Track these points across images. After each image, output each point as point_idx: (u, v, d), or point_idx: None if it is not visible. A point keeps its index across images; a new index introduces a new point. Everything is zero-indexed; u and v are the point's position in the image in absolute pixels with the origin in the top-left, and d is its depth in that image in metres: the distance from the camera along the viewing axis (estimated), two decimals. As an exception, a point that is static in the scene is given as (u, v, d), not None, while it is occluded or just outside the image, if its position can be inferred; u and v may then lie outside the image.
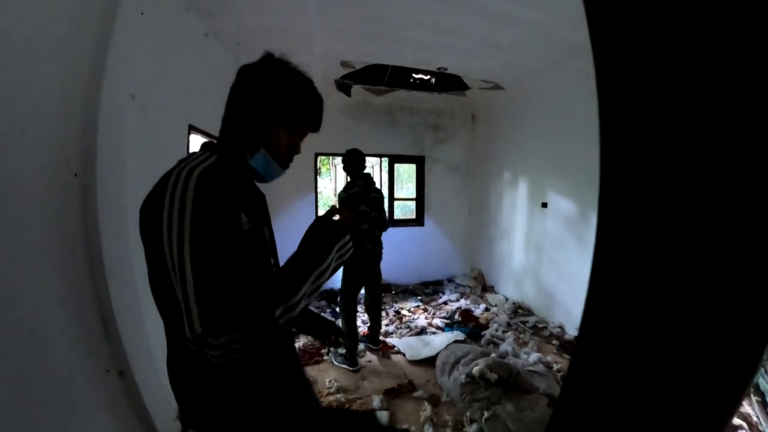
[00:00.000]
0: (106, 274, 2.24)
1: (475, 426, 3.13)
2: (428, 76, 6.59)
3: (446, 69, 5.56)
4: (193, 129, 3.66)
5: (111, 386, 2.31)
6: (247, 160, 1.35)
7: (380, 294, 4.67)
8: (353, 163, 4.31)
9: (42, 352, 1.80)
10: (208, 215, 1.10)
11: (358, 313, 4.63)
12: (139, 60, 2.60)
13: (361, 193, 4.22)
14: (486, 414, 3.08)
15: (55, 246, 1.96)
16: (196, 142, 3.68)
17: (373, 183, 4.41)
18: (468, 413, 3.20)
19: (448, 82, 6.56)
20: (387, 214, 4.97)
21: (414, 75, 6.48)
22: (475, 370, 3.35)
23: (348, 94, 6.81)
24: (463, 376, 3.41)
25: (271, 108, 1.34)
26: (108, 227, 2.26)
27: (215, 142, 1.39)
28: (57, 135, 1.99)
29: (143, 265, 2.23)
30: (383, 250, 4.53)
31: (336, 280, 6.57)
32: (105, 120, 2.24)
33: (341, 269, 4.29)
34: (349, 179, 4.43)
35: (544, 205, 5.62)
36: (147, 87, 2.78)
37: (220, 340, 1.05)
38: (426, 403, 3.43)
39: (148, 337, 2.56)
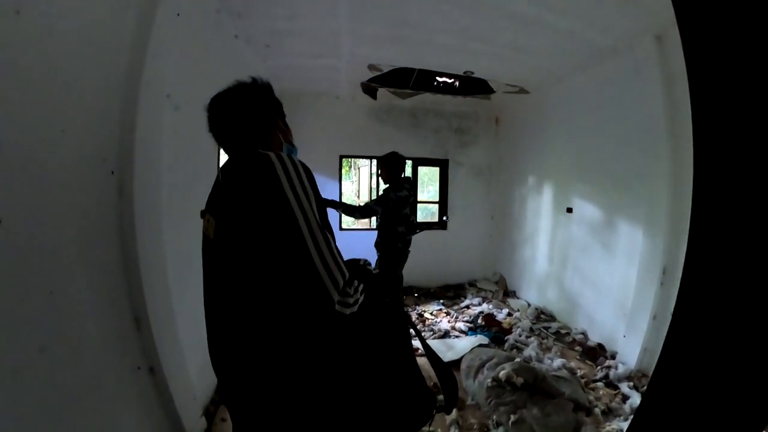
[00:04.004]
0: (140, 271, 2.27)
1: (501, 429, 3.12)
2: (452, 80, 6.59)
3: (473, 73, 5.56)
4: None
5: (141, 382, 2.35)
6: (286, 151, 1.57)
7: (402, 297, 4.68)
8: (396, 165, 4.35)
9: (75, 348, 1.82)
10: (315, 186, 1.31)
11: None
12: (173, 58, 2.62)
13: (408, 197, 4.29)
14: (512, 418, 3.07)
15: (91, 243, 1.98)
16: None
17: (414, 186, 4.44)
18: (494, 417, 3.19)
19: (472, 86, 6.55)
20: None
21: (438, 78, 6.48)
22: (502, 373, 3.34)
23: (374, 96, 6.86)
24: (488, 380, 3.40)
25: (281, 111, 1.66)
26: (143, 225, 2.29)
27: (248, 145, 1.52)
28: (95, 133, 2.01)
29: (177, 263, 2.25)
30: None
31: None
32: (142, 119, 2.27)
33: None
34: (387, 182, 4.43)
35: (569, 210, 5.57)
36: (181, 87, 2.79)
37: (351, 290, 1.24)
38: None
39: (178, 334, 2.60)
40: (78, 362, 1.83)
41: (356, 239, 6.78)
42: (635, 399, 3.49)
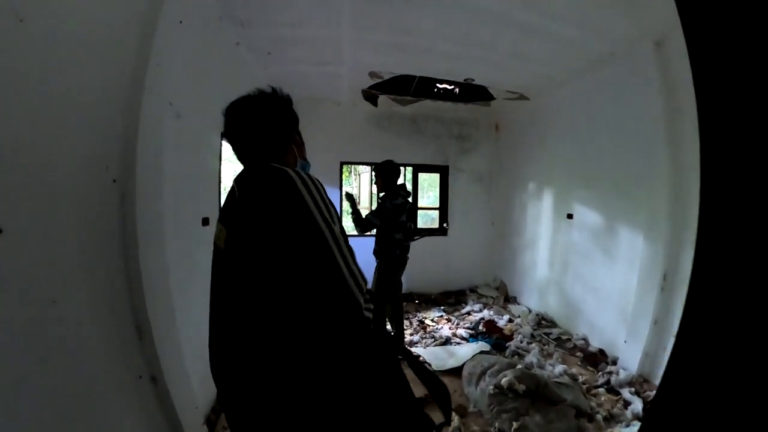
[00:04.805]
0: (142, 280, 2.26)
1: (503, 437, 3.11)
2: (452, 86, 6.61)
3: (473, 80, 5.58)
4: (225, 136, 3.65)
5: (143, 391, 2.33)
6: (300, 167, 1.57)
7: (402, 304, 4.68)
8: (391, 174, 4.39)
9: (76, 357, 1.81)
10: (331, 201, 1.36)
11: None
12: (175, 65, 2.63)
13: (404, 204, 4.32)
14: (515, 425, 3.06)
15: (92, 252, 1.98)
16: (227, 149, 3.70)
17: (410, 193, 4.47)
18: (496, 424, 3.18)
19: (473, 93, 6.58)
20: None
21: (438, 85, 6.50)
22: (504, 380, 3.33)
23: (375, 103, 6.88)
24: (491, 387, 3.39)
25: (297, 125, 1.66)
26: (145, 233, 2.28)
27: (262, 158, 1.51)
28: (98, 141, 2.01)
29: (179, 272, 2.25)
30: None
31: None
32: (144, 127, 2.27)
33: (374, 276, 4.38)
34: (382, 189, 4.48)
35: (570, 216, 5.57)
36: (183, 94, 2.79)
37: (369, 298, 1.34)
38: (453, 414, 3.40)
39: (180, 344, 2.59)
40: (79, 372, 1.82)
41: (357, 246, 6.67)
42: (637, 405, 3.48)
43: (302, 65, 5.01)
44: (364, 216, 4.33)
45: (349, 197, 4.34)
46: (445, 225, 7.86)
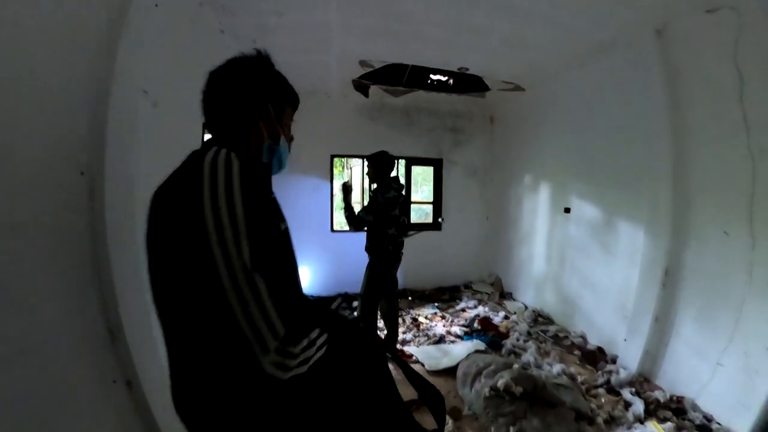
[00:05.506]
0: (113, 279, 2.12)
1: (500, 442, 2.98)
2: (446, 78, 6.46)
3: (467, 69, 5.43)
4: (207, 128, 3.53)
5: (118, 397, 2.21)
6: (266, 150, 1.34)
7: (397, 301, 4.54)
8: (385, 165, 4.20)
9: (45, 362, 1.70)
10: (259, 213, 1.02)
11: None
12: (153, 54, 2.50)
13: (396, 197, 4.13)
14: (512, 429, 2.93)
15: (58, 250, 1.86)
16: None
17: (403, 186, 4.31)
18: (493, 428, 3.04)
19: (467, 84, 6.43)
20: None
21: (432, 76, 6.35)
22: (500, 383, 3.19)
23: (366, 94, 6.71)
24: (486, 389, 3.25)
25: (279, 97, 1.38)
26: (116, 229, 2.14)
27: (219, 137, 1.32)
28: (62, 130, 1.88)
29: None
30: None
31: (350, 284, 6.52)
32: (114, 115, 2.13)
33: (365, 273, 4.21)
34: (375, 181, 4.30)
35: (567, 210, 5.45)
36: (161, 83, 2.70)
37: (297, 349, 1.00)
38: (447, 417, 3.27)
39: (156, 346, 2.44)
40: (45, 378, 1.70)
41: (349, 241, 6.66)
42: (638, 406, 3.35)
43: (289, 54, 4.83)
44: (356, 213, 4.15)
45: (346, 189, 4.11)
46: (441, 219, 7.71)
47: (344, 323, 1.50)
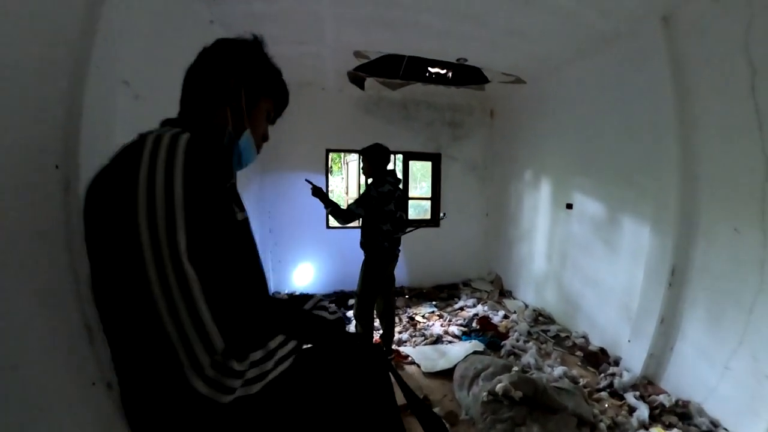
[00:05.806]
0: (89, 276, 2.00)
1: (498, 450, 2.85)
2: (445, 70, 6.31)
3: (466, 60, 5.26)
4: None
5: (97, 400, 2.07)
6: (228, 140, 1.21)
7: (394, 300, 4.42)
8: (379, 158, 4.05)
9: (12, 364, 1.55)
10: (205, 198, 0.86)
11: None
12: (134, 43, 2.39)
13: (391, 192, 3.99)
14: (511, 437, 2.80)
15: (30, 246, 1.71)
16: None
17: (400, 180, 4.17)
18: (490, 436, 2.92)
19: (466, 76, 6.28)
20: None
21: (430, 69, 6.19)
22: (498, 387, 3.06)
23: (361, 87, 6.56)
24: (484, 394, 3.11)
25: (258, 87, 1.26)
26: (93, 224, 2.01)
27: (179, 117, 1.24)
28: (33, 121, 1.73)
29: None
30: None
31: (347, 282, 6.41)
32: (91, 106, 2.00)
33: (360, 271, 4.10)
34: (370, 176, 4.15)
35: (569, 206, 5.31)
36: (144, 74, 2.60)
37: (244, 365, 0.85)
38: (443, 422, 3.15)
39: (138, 345, 2.33)
40: (17, 382, 1.56)
41: (345, 238, 6.55)
42: (642, 411, 3.22)
43: (282, 45, 4.65)
44: (346, 207, 4.02)
45: (317, 192, 3.91)
46: (443, 215, 7.49)
47: (322, 326, 1.36)
